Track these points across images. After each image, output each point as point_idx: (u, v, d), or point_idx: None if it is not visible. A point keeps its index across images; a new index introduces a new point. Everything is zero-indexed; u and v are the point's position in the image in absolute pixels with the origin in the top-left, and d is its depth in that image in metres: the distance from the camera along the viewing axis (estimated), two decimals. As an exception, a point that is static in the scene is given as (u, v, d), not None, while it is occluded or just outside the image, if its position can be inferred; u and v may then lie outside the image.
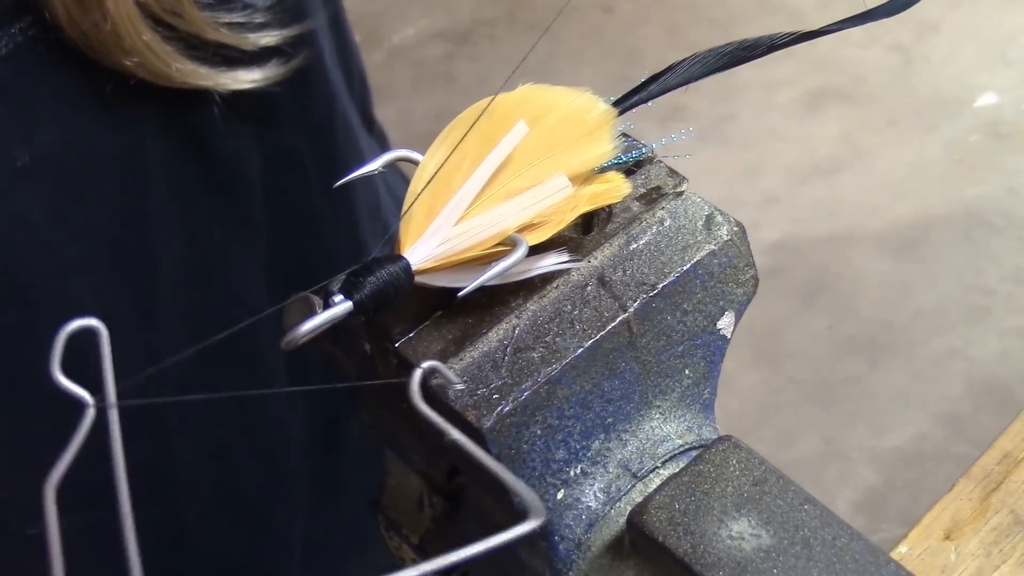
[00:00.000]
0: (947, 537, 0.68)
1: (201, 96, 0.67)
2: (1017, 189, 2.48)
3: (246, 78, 0.66)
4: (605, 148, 0.47)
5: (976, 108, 2.60)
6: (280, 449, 0.84)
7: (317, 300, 0.57)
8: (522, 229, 0.45)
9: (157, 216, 0.69)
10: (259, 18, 0.67)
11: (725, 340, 0.51)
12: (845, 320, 2.35)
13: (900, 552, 0.68)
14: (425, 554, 0.58)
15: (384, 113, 1.03)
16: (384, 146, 0.96)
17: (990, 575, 0.67)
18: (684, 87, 0.50)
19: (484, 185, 0.45)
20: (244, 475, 0.83)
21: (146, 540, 0.80)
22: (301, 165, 0.76)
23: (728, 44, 0.49)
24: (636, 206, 0.50)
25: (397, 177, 0.93)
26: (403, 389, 0.43)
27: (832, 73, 2.69)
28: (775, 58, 0.52)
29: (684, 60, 0.49)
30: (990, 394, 2.21)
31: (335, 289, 0.45)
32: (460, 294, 0.43)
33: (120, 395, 0.40)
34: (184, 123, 0.68)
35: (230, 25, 0.65)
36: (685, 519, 0.44)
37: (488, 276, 0.43)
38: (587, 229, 0.50)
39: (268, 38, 0.67)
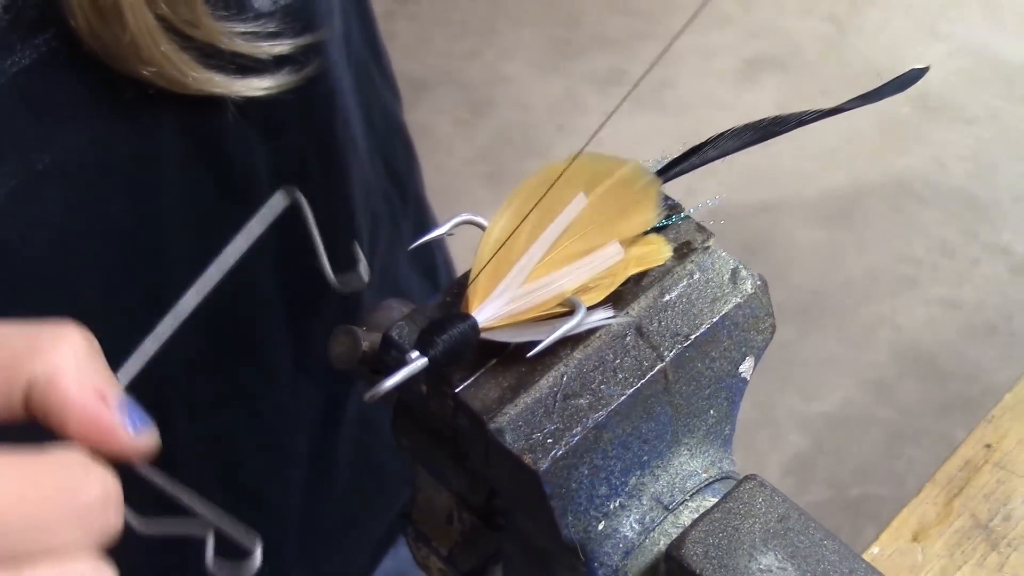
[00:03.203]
0: (915, 539, 0.75)
1: (215, 102, 0.70)
2: (944, 162, 2.58)
3: (259, 85, 0.70)
4: (650, 215, 0.53)
5: (907, 80, 2.68)
6: (284, 434, 0.88)
7: (360, 332, 0.62)
8: (578, 291, 0.51)
9: (170, 217, 0.73)
10: (271, 27, 0.70)
11: (745, 382, 0.57)
12: (777, 287, 2.41)
13: (872, 553, 0.75)
14: (454, 565, 0.63)
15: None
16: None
17: (953, 575, 0.74)
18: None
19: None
20: (247, 460, 0.87)
21: (148, 518, 0.83)
22: (304, 165, 0.80)
23: (762, 120, 0.54)
24: (668, 260, 0.55)
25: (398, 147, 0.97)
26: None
27: (769, 42, 2.76)
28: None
29: (722, 134, 0.54)
30: (915, 361, 2.32)
31: (408, 346, 0.50)
32: (529, 355, 0.48)
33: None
34: (200, 129, 0.72)
35: (244, 35, 0.68)
36: (719, 553, 0.50)
37: (555, 338, 0.48)
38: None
39: (281, 47, 0.70)
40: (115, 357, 0.75)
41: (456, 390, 0.52)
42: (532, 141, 2.69)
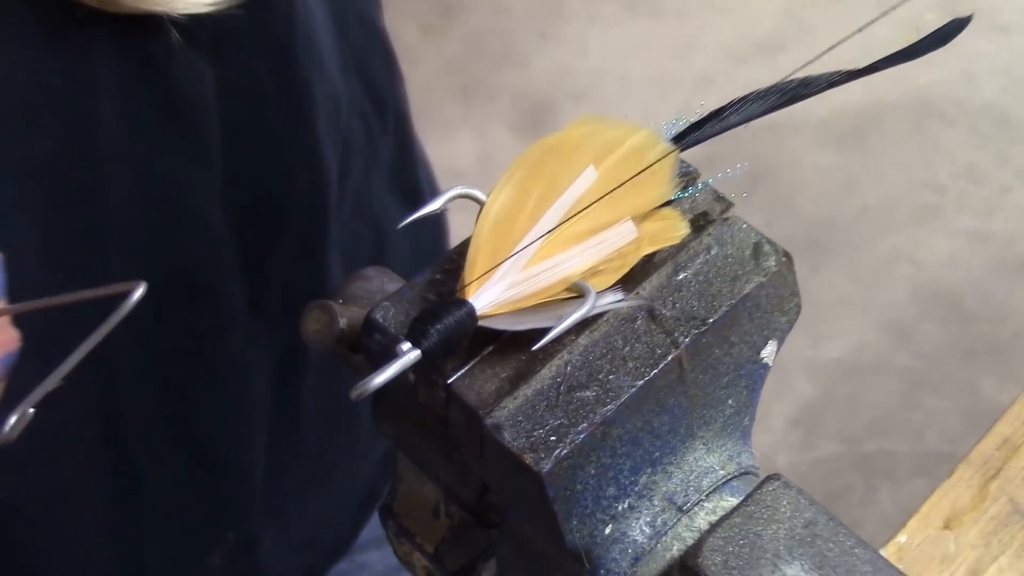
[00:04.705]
0: (946, 526, 0.77)
1: (155, 23, 0.70)
2: (973, 75, 2.58)
3: (204, 1, 0.69)
4: (666, 188, 0.53)
5: (932, -17, 2.68)
6: (241, 385, 0.89)
7: (336, 307, 0.62)
8: (586, 274, 0.51)
9: (108, 150, 0.73)
10: None
11: (767, 368, 0.57)
12: (784, 217, 2.45)
13: (899, 542, 0.77)
14: (440, 563, 0.64)
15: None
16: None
17: (989, 566, 0.76)
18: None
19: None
20: (202, 413, 0.88)
21: (99, 485, 0.85)
22: (259, 86, 0.80)
23: (790, 81, 0.54)
24: (685, 237, 0.56)
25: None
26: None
27: (776, -62, 2.75)
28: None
29: (744, 97, 0.54)
30: (937, 301, 2.33)
31: (395, 331, 0.51)
32: (535, 347, 0.49)
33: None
34: (138, 53, 0.71)
35: None
36: (739, 562, 0.51)
37: (562, 328, 0.49)
38: (632, 254, 0.56)
39: None
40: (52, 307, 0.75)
41: (449, 381, 0.52)
42: (510, 50, 2.68)
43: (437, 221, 1.10)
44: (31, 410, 0.46)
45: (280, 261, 0.88)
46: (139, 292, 0.47)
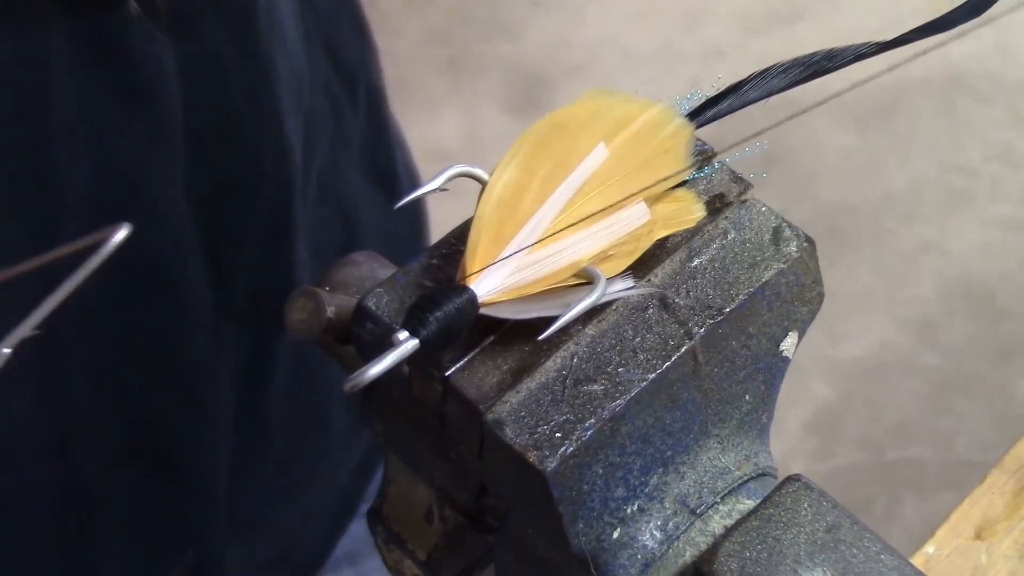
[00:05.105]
0: (978, 536, 0.78)
1: None
2: (1009, 48, 2.60)
3: None
4: (680, 167, 0.55)
5: (965, -53, 2.70)
6: (205, 390, 0.90)
7: (321, 293, 0.64)
8: (595, 259, 0.53)
9: (62, 133, 0.74)
10: None
11: (787, 361, 0.59)
12: (800, 202, 2.46)
13: (927, 553, 0.78)
14: (434, 571, 0.66)
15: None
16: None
17: (1024, 579, 0.77)
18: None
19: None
20: (161, 419, 0.89)
21: (44, 496, 0.86)
22: (220, 61, 0.81)
23: (814, 54, 0.56)
24: (700, 220, 0.58)
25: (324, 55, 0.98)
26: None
27: None
28: None
29: (765, 71, 0.56)
30: (967, 295, 2.35)
31: (389, 319, 0.52)
32: (541, 337, 0.50)
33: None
34: (95, 26, 0.72)
35: None
36: (757, 568, 0.53)
37: (571, 316, 0.50)
38: (643, 238, 0.57)
39: None
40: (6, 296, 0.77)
41: (446, 374, 0.54)
42: (501, 18, 2.69)
43: (415, 206, 1.11)
44: (7, 351, 0.48)
45: (246, 252, 0.89)
46: (121, 234, 0.48)
